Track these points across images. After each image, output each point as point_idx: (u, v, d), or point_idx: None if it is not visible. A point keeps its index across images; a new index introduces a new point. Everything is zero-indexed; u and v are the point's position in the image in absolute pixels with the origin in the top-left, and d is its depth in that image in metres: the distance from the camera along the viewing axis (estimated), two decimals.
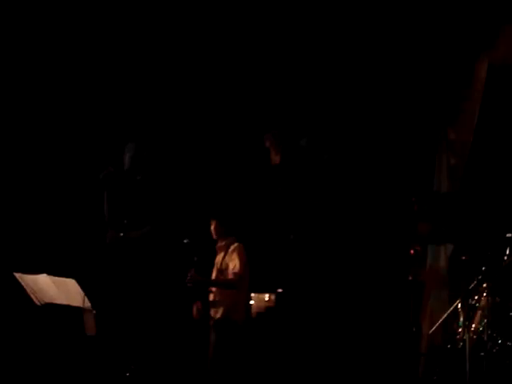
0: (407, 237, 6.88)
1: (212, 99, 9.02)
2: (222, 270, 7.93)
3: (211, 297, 7.93)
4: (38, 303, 7.10)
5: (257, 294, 8.92)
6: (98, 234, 7.70)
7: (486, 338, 6.49)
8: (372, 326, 9.00)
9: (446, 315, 6.99)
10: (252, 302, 8.77)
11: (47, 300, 7.05)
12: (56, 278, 6.95)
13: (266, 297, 8.99)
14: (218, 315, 7.80)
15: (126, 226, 7.31)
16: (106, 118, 9.03)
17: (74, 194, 9.02)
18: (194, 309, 7.93)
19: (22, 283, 7.05)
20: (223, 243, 8.03)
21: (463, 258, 7.16)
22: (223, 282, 7.92)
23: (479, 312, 6.65)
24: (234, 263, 7.82)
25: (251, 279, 8.15)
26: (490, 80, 7.52)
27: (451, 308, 6.87)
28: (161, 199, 7.42)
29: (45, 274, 6.92)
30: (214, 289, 7.93)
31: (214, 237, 8.04)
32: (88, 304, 6.97)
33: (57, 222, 9.05)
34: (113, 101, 8.99)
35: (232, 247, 7.92)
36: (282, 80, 8.61)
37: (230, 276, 7.83)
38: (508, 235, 6.61)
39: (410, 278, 6.79)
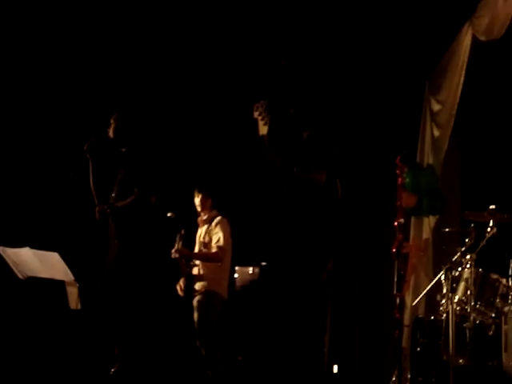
0: (391, 209, 6.86)
1: (199, 70, 8.96)
2: (205, 243, 7.94)
3: (195, 271, 7.91)
4: (21, 277, 7.07)
5: (240, 268, 8.92)
6: (85, 208, 7.64)
7: (469, 310, 6.50)
8: (355, 297, 9.04)
9: (429, 287, 6.99)
10: (236, 276, 8.77)
11: (30, 273, 7.02)
12: (38, 251, 6.91)
13: (250, 270, 8.99)
14: (202, 288, 7.81)
15: (113, 198, 7.28)
16: (90, 89, 8.95)
17: (59, 166, 8.96)
18: (178, 287, 7.92)
19: (4, 257, 7.02)
20: (206, 216, 8.02)
21: (446, 229, 7.16)
22: (207, 255, 7.92)
23: (462, 284, 6.65)
24: (217, 236, 7.83)
25: (235, 252, 8.15)
26: (473, 51, 7.48)
27: (435, 280, 6.87)
28: (146, 171, 7.37)
29: (27, 248, 6.89)
30: (197, 262, 7.92)
31: (199, 209, 8.02)
32: (71, 278, 6.94)
33: (42, 196, 9.00)
34: (97, 72, 8.91)
35: (216, 220, 7.92)
36: (270, 50, 8.58)
37: (214, 249, 7.83)
38: (491, 207, 6.61)
39: (394, 250, 6.77)
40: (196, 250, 8.03)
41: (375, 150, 8.76)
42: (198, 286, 7.84)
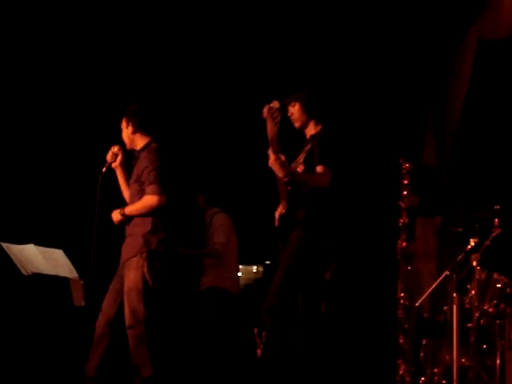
0: (395, 209, 6.86)
1: (206, 70, 8.97)
2: (207, 241, 8.03)
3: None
4: (25, 273, 7.06)
5: (245, 266, 8.94)
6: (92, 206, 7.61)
7: (472, 310, 6.48)
8: (359, 298, 9.02)
9: (433, 287, 6.99)
10: (240, 274, 8.79)
11: (34, 270, 7.01)
12: (43, 248, 6.90)
13: (254, 268, 9.02)
14: (207, 285, 7.87)
15: None
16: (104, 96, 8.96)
17: (70, 166, 8.97)
18: None
19: (9, 253, 7.01)
20: (207, 214, 8.14)
21: (451, 229, 7.16)
22: (208, 252, 8.01)
23: (466, 284, 6.64)
24: (217, 233, 7.93)
25: (239, 251, 8.17)
26: (478, 54, 7.48)
27: (438, 280, 6.87)
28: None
29: (32, 245, 6.88)
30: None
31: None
32: (75, 275, 6.93)
33: (48, 193, 9.01)
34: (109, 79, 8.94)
35: (215, 217, 8.08)
36: (276, 50, 8.60)
37: (215, 246, 7.92)
38: (496, 207, 6.59)
39: (398, 250, 6.78)
40: None
41: (379, 149, 8.75)
42: (202, 283, 7.90)
